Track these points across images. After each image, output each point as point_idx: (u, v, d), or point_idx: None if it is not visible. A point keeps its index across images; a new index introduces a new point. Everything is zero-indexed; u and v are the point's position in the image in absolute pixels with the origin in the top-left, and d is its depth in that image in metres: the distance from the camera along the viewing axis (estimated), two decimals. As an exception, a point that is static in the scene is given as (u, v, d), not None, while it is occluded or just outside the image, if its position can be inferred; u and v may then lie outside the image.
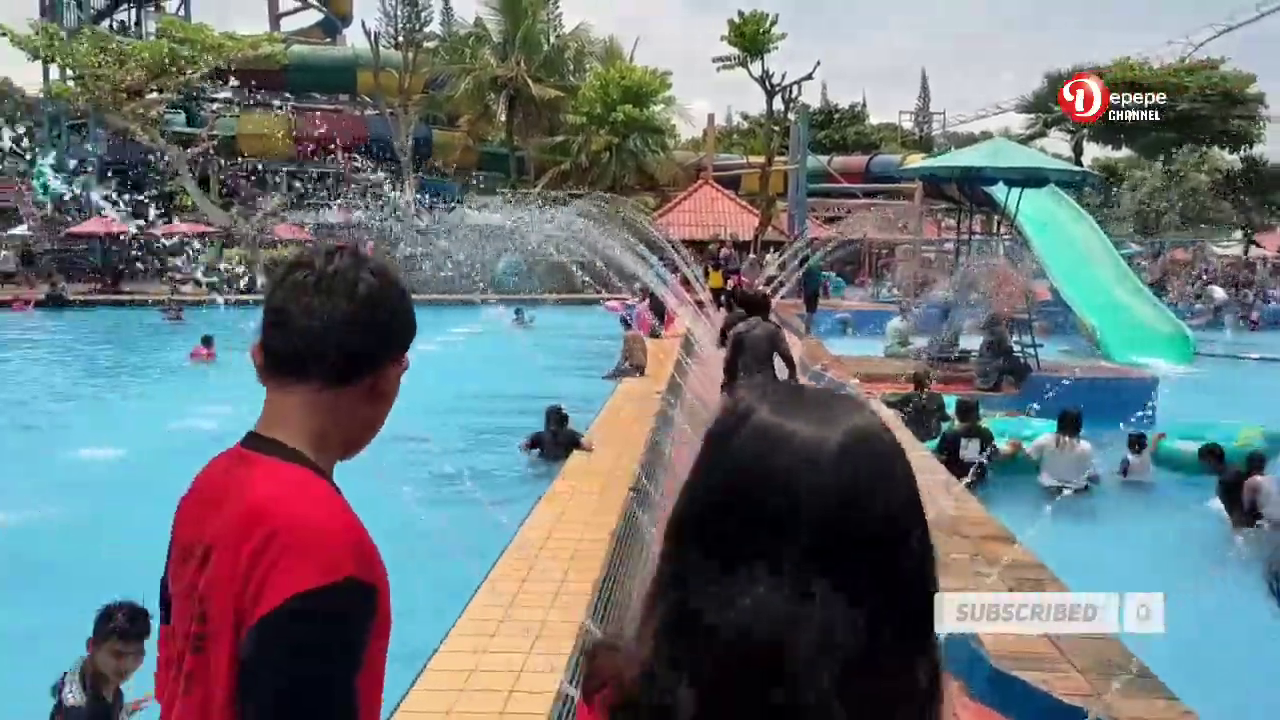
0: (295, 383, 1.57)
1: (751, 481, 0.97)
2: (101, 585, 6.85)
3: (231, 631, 1.39)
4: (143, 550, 7.11)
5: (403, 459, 10.70)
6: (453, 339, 23.51)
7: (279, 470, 1.50)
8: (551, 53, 45.73)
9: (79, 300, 32.00)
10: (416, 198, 39.20)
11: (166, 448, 11.34)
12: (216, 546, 1.46)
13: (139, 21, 50.20)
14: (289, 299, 1.55)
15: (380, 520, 6.75)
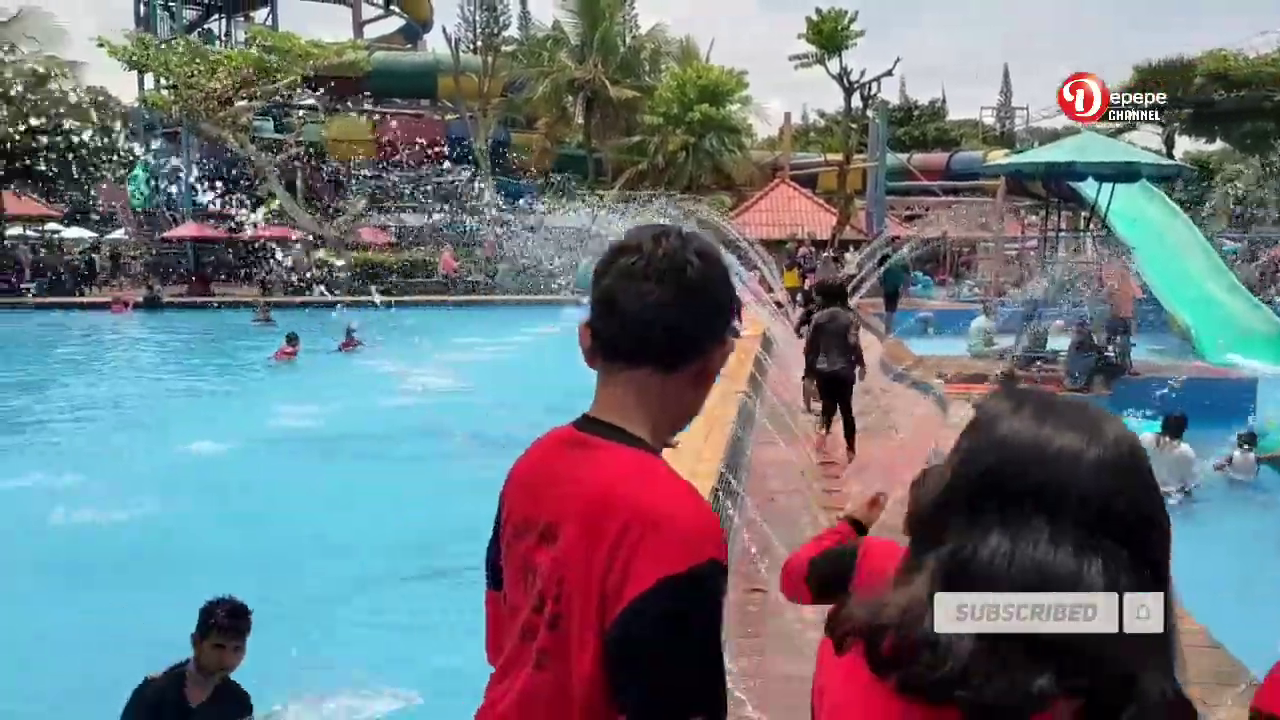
0: (626, 367, 1.58)
1: (1028, 462, 1.21)
2: (200, 576, 7.11)
3: (595, 614, 1.43)
4: (238, 541, 7.40)
5: (490, 457, 10.87)
6: (531, 339, 23.77)
7: (621, 455, 1.52)
8: (628, 54, 45.87)
9: (173, 302, 33.07)
10: (495, 199, 39.68)
11: (257, 444, 11.73)
12: (564, 525, 1.50)
13: (229, 31, 51.76)
14: (618, 284, 1.56)
15: (467, 519, 6.85)
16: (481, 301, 33.65)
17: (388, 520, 8.67)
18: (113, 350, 23.60)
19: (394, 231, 42.07)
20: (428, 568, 7.47)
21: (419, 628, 6.39)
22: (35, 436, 13.12)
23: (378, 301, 21.23)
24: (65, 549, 7.78)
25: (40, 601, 6.83)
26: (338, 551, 7.70)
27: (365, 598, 6.91)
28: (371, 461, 11.15)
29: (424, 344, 19.64)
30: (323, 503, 9.27)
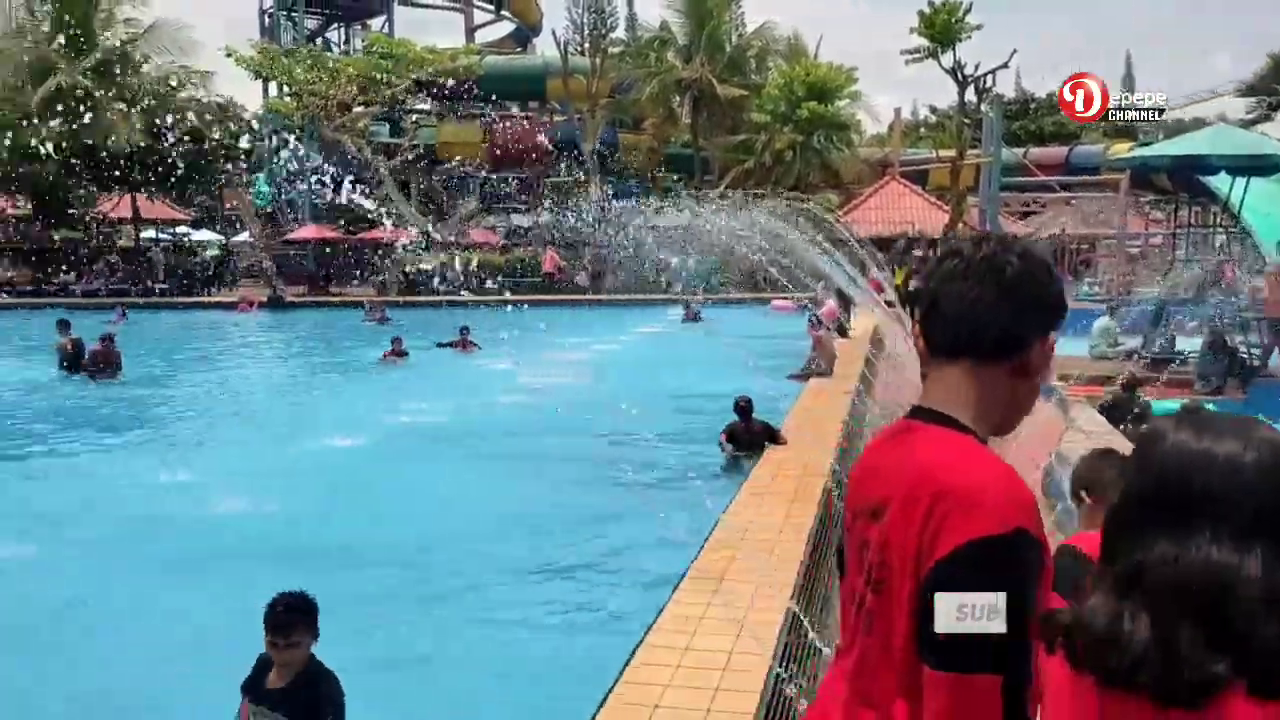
0: (946, 361, 1.72)
1: (1191, 472, 1.43)
2: (320, 567, 7.34)
3: (911, 577, 1.56)
4: (357, 535, 7.56)
5: (600, 455, 10.96)
6: (637, 338, 23.90)
7: (939, 435, 1.65)
8: (735, 52, 45.67)
9: (295, 301, 34.29)
10: (602, 200, 40.01)
11: (376, 440, 12.05)
12: (889, 503, 1.63)
13: (347, 39, 53.43)
14: (941, 286, 1.70)
15: (577, 518, 6.91)
16: (588, 301, 33.92)
17: (499, 515, 8.80)
18: (239, 348, 24.59)
19: (503, 232, 42.84)
20: (538, 562, 7.54)
21: (530, 622, 6.45)
22: (168, 430, 13.75)
23: (509, 302, 21.59)
24: (198, 538, 8.10)
25: (171, 588, 7.12)
26: (451, 545, 7.84)
27: (480, 592, 7.00)
28: (484, 458, 11.33)
29: (532, 343, 19.93)
30: (437, 497, 9.45)
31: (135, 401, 15.62)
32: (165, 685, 5.58)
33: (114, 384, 16.68)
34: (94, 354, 17.06)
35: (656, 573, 6.87)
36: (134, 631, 6.37)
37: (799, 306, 27.57)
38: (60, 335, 17.86)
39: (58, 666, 5.85)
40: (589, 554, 7.72)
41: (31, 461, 11.49)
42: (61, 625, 6.40)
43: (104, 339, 17.25)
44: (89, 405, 15.19)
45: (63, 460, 11.63)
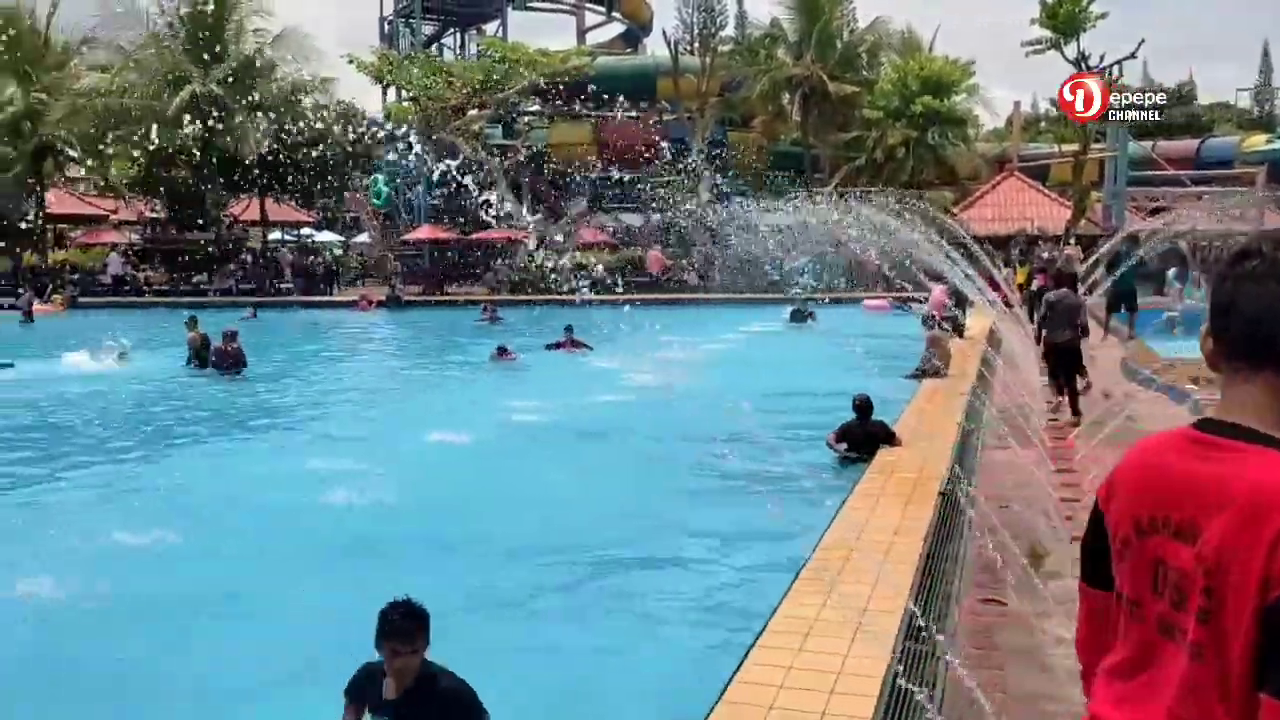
0: (1246, 368, 1.62)
1: None
2: (434, 560, 7.52)
3: (1252, 605, 1.48)
4: (469, 528, 7.67)
5: (709, 454, 10.95)
6: (744, 337, 23.78)
7: (1270, 457, 1.54)
8: (847, 49, 45.04)
9: (412, 300, 35.23)
10: (711, 199, 39.95)
11: (488, 436, 12.28)
12: (1207, 523, 1.55)
13: (463, 44, 54.61)
14: (1237, 287, 1.62)
15: (687, 517, 6.89)
16: (695, 300, 33.89)
17: (610, 513, 8.85)
18: (359, 346, 25.40)
19: (612, 231, 43.18)
20: (649, 560, 7.57)
21: (641, 619, 6.47)
22: (291, 424, 14.28)
23: (623, 302, 21.72)
24: (322, 529, 8.39)
25: (297, 576, 7.37)
26: (563, 542, 7.92)
27: (590, 589, 7.05)
28: (595, 456, 11.44)
29: (639, 342, 20.01)
30: (548, 494, 9.56)
31: (260, 396, 16.28)
32: (288, 669, 5.78)
33: (240, 379, 17.42)
34: (219, 351, 17.85)
35: (769, 573, 6.82)
36: (260, 617, 6.62)
37: (893, 305, 27.06)
38: (189, 331, 18.78)
39: (189, 649, 6.13)
40: (700, 553, 7.72)
41: (164, 452, 12.08)
42: (193, 610, 6.69)
43: (228, 335, 18.03)
44: (217, 399, 15.89)
45: (193, 451, 12.18)
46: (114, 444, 12.42)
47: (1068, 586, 6.34)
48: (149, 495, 9.81)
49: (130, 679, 5.70)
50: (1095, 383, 13.42)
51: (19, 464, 11.34)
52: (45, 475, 10.80)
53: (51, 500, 9.78)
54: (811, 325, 25.37)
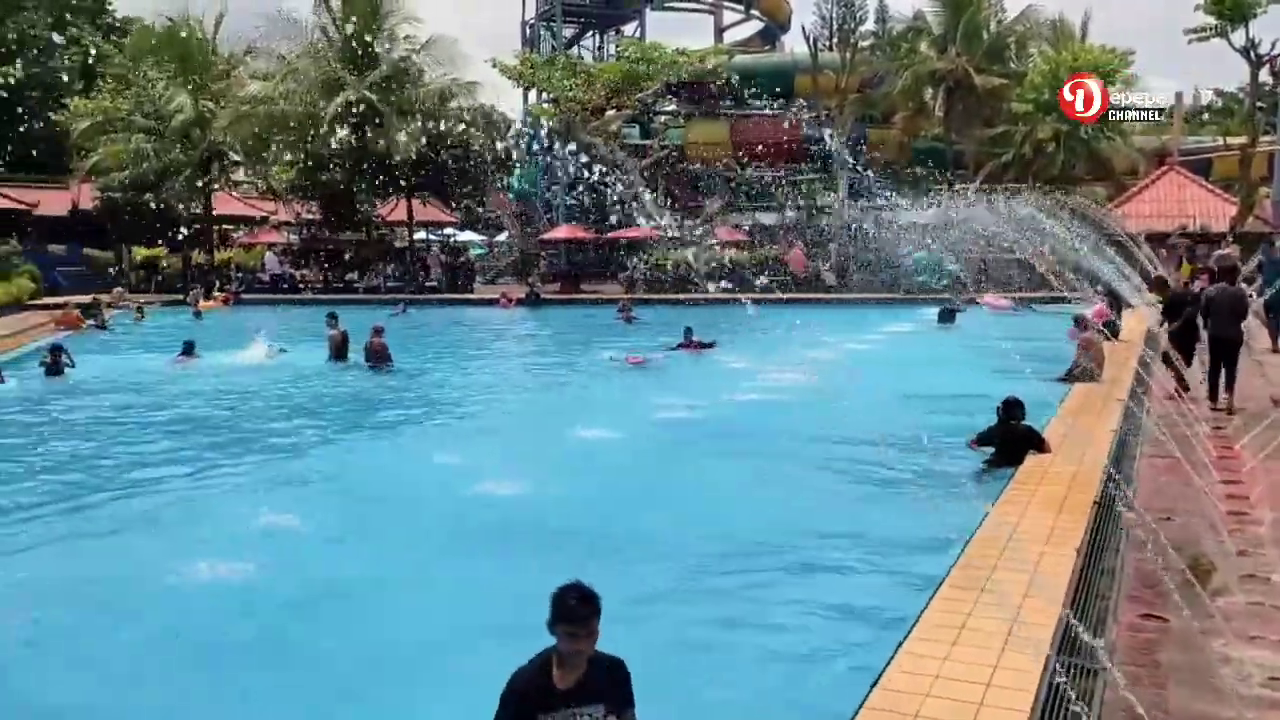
0: None
1: None
2: (563, 554, 7.62)
3: None
4: (607, 523, 7.73)
5: (849, 456, 10.79)
6: (884, 338, 23.29)
7: None
8: (994, 40, 43.50)
9: (549, 298, 35.89)
10: (849, 196, 39.32)
11: (626, 433, 12.40)
12: None
13: (601, 45, 55.29)
14: None
15: (826, 517, 6.78)
16: (834, 300, 33.38)
17: (747, 512, 8.81)
18: (499, 342, 26.03)
19: (747, 230, 42.96)
20: (788, 561, 7.49)
21: (781, 621, 6.41)
22: (435, 418, 14.76)
23: (749, 306, 21.67)
24: (463, 520, 8.65)
25: (442, 564, 7.63)
26: (701, 541, 7.91)
27: (729, 589, 7.00)
28: (732, 455, 11.39)
29: (775, 342, 19.85)
30: (686, 493, 9.60)
31: (406, 389, 16.87)
32: (432, 649, 5.99)
33: (386, 373, 18.09)
34: (367, 346, 18.58)
35: (913, 578, 6.68)
36: (409, 601, 6.88)
37: (1015, 304, 26.01)
38: (330, 328, 19.63)
39: (342, 629, 6.42)
40: (840, 556, 7.59)
41: (316, 442, 12.62)
42: (344, 593, 7.00)
43: (376, 331, 18.76)
44: (367, 392, 16.54)
45: (344, 442, 12.73)
46: (272, 433, 13.11)
47: (1236, 603, 5.99)
48: (304, 483, 10.32)
49: (286, 652, 6.01)
50: (1266, 391, 12.65)
51: (188, 449, 12.09)
52: (210, 460, 11.48)
53: (217, 484, 10.39)
54: (956, 326, 24.67)
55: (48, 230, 39.63)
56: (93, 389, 16.50)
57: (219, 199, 43.01)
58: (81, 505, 9.34)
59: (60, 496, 9.65)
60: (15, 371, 17.55)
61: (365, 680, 5.66)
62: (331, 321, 19.79)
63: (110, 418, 14.06)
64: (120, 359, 20.65)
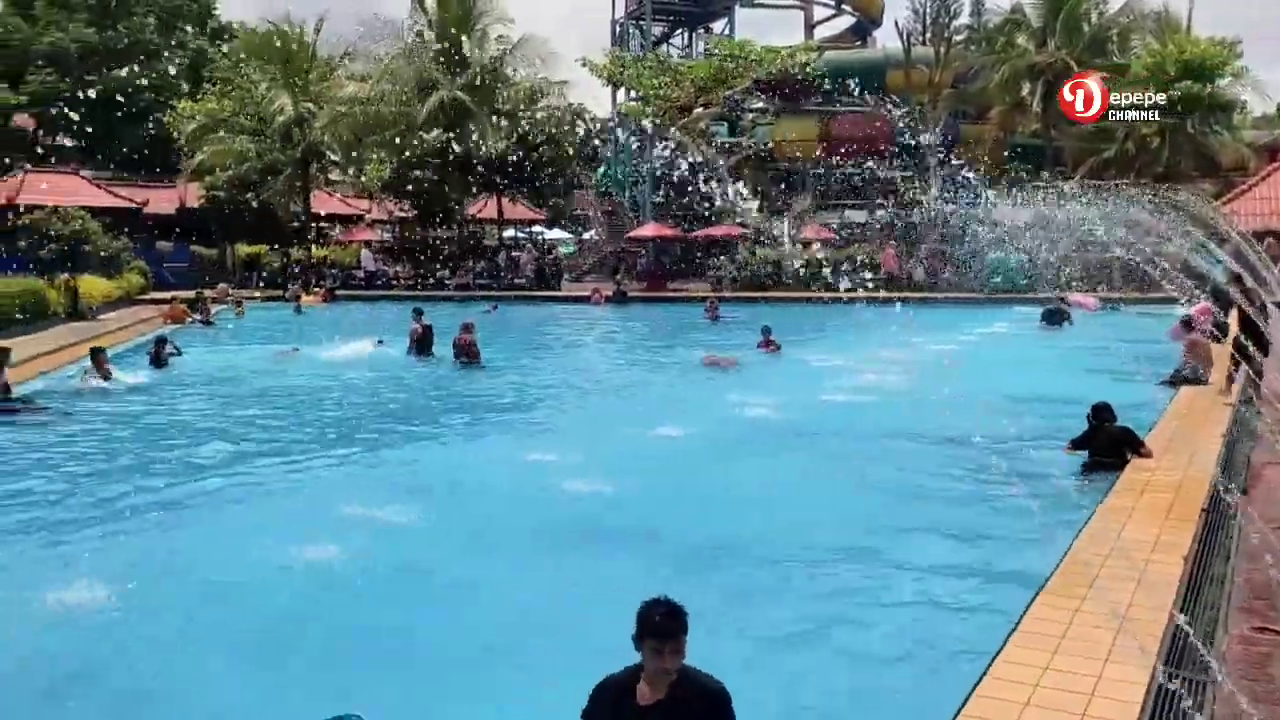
0: None
1: None
2: (648, 551, 7.62)
3: None
4: (692, 522, 7.66)
5: (938, 458, 10.57)
6: (975, 339, 22.76)
7: None
8: (1096, 32, 42.17)
9: (636, 296, 36.02)
10: (942, 194, 38.56)
11: (710, 432, 12.35)
12: None
13: (690, 43, 55.25)
14: None
15: (915, 522, 6.63)
16: (924, 299, 32.79)
17: (833, 513, 8.68)
18: (586, 339, 26.19)
19: (836, 228, 42.49)
20: (875, 565, 7.33)
21: (869, 628, 6.26)
22: (522, 413, 14.93)
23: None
24: (549, 514, 8.69)
25: (529, 557, 7.68)
26: (786, 541, 7.82)
27: (814, 593, 6.88)
28: (820, 454, 11.27)
29: (864, 341, 19.57)
30: (772, 492, 9.50)
31: (493, 385, 17.08)
32: (512, 641, 6.04)
33: (475, 368, 18.36)
34: (456, 342, 18.90)
35: (1010, 584, 6.51)
36: (491, 592, 6.95)
37: (1099, 304, 25.13)
38: (413, 322, 20.14)
39: (424, 617, 6.52)
40: (934, 559, 7.39)
41: (404, 435, 12.85)
42: (428, 583, 7.13)
43: (465, 328, 19.07)
44: (455, 387, 16.77)
45: (431, 435, 12.88)
46: (364, 425, 13.45)
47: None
48: (393, 475, 10.55)
49: (369, 636, 6.13)
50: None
51: (283, 437, 12.48)
52: (305, 449, 11.82)
53: (310, 473, 10.70)
54: (1066, 329, 23.96)
55: (156, 228, 41.26)
56: (195, 380, 17.12)
57: (317, 197, 44.23)
58: (183, 489, 9.67)
59: (164, 481, 10.02)
60: (124, 362, 18.32)
61: (445, 666, 5.74)
62: (417, 316, 20.27)
63: (206, 409, 14.56)
64: (222, 352, 21.40)
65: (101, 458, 11.27)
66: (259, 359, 19.92)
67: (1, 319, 21.52)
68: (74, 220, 28.60)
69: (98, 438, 12.35)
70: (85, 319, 25.72)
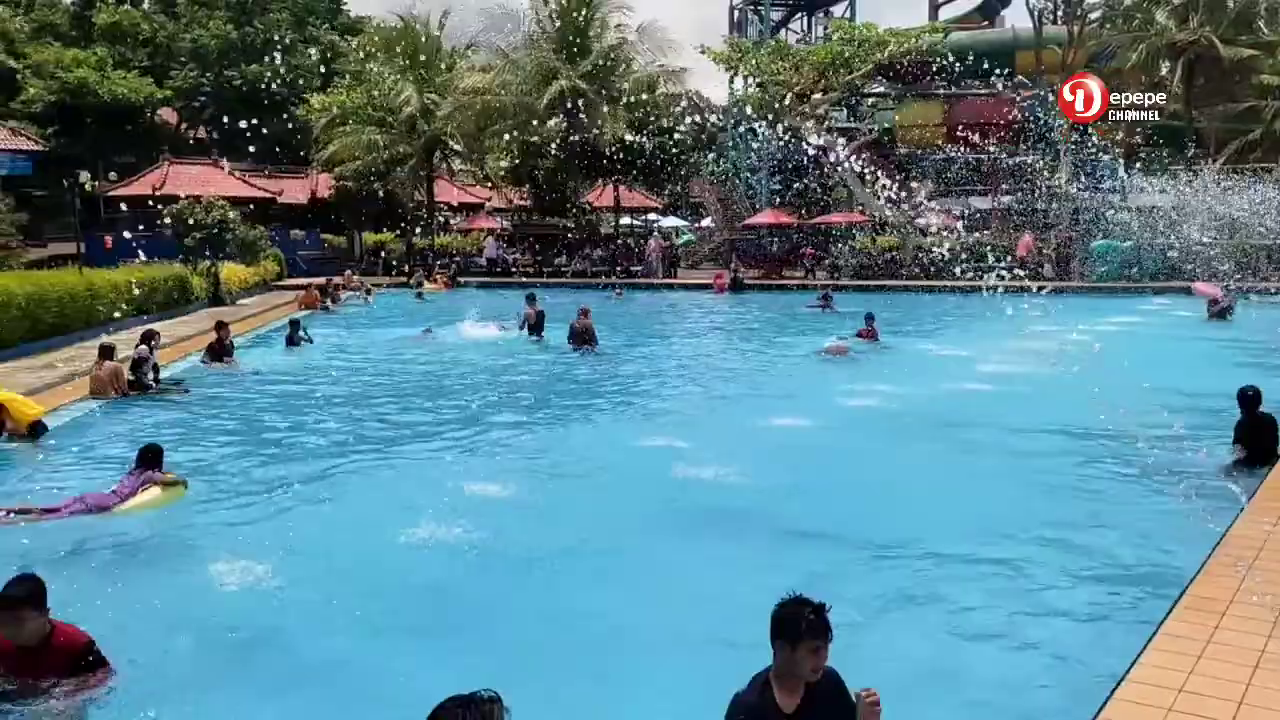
0: None
1: None
2: (769, 539, 7.56)
3: None
4: (815, 513, 7.53)
5: (1071, 451, 10.23)
6: (1112, 330, 21.84)
7: None
8: (1242, 8, 39.89)
9: (752, 284, 35.78)
10: (1072, 179, 37.10)
11: (831, 421, 12.21)
12: None
13: (809, 28, 54.47)
14: None
15: (1058, 516, 6.41)
16: (1058, 288, 31.58)
17: (957, 509, 8.43)
18: (703, 325, 26.15)
19: (960, 214, 41.30)
20: (1000, 565, 7.03)
21: (993, 632, 6.01)
22: (643, 397, 14.97)
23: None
24: (667, 499, 8.76)
25: (646, 539, 7.75)
26: (907, 537, 7.64)
27: (935, 594, 6.62)
28: (937, 445, 10.96)
29: (991, 331, 18.97)
30: (887, 483, 9.31)
31: (611, 370, 17.21)
32: (626, 624, 6.10)
33: (592, 352, 18.57)
34: (573, 327, 19.13)
35: (1152, 584, 6.27)
36: (613, 572, 7.07)
37: (1225, 293, 23.71)
38: (526, 307, 20.74)
39: (554, 593, 6.66)
40: (1071, 557, 7.07)
41: (524, 418, 12.97)
42: (562, 565, 7.23)
43: (583, 312, 19.31)
44: (573, 373, 16.94)
45: (551, 417, 13.08)
46: (486, 407, 13.73)
47: None
48: (513, 456, 10.77)
49: (495, 614, 6.29)
50: None
51: (408, 416, 12.89)
52: (429, 428, 12.22)
53: (433, 451, 11.02)
54: (1228, 320, 22.79)
55: (290, 217, 42.96)
56: (323, 362, 17.81)
57: (439, 186, 45.34)
58: (313, 465, 10.04)
59: (294, 458, 10.46)
60: (262, 344, 19.19)
61: (572, 648, 5.81)
62: (530, 301, 20.96)
63: (337, 392, 15.06)
64: (355, 335, 22.22)
65: (243, 435, 11.81)
66: (390, 342, 20.60)
67: (151, 303, 22.76)
68: (215, 209, 29.97)
69: (238, 417, 12.95)
70: (225, 304, 26.99)
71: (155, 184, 36.92)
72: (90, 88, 44.60)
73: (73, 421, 12.17)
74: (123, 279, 21.71)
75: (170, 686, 5.19)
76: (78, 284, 19.75)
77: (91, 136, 45.63)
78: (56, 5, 53.32)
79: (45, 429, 11.12)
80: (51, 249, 36.11)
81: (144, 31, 51.11)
